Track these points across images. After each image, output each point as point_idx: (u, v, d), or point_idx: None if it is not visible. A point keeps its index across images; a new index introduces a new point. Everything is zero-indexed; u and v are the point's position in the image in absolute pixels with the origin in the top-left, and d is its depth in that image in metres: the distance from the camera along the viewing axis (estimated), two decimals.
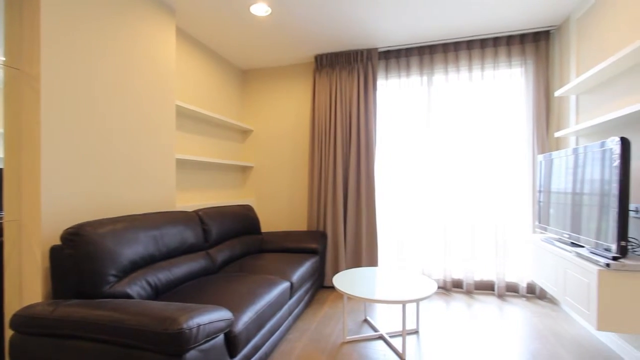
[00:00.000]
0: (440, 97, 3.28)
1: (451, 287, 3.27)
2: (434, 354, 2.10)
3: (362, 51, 3.35)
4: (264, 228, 3.90)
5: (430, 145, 3.29)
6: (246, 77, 3.98)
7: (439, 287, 3.31)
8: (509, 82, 3.13)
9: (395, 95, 3.43)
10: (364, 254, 3.29)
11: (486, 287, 3.23)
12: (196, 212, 2.55)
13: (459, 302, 2.96)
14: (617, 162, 1.60)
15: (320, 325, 2.52)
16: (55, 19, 1.72)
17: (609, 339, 2.19)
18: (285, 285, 2.19)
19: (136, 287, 1.72)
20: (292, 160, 3.81)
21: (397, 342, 2.23)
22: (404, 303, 1.98)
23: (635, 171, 1.96)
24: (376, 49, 3.32)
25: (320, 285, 3.30)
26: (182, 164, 2.92)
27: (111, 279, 1.63)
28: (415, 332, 2.41)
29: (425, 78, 3.30)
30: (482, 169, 3.20)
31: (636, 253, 1.84)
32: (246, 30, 2.98)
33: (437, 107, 3.28)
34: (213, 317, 1.34)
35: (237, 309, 1.67)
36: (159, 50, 2.43)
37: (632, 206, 1.97)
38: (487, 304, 2.92)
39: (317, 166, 3.45)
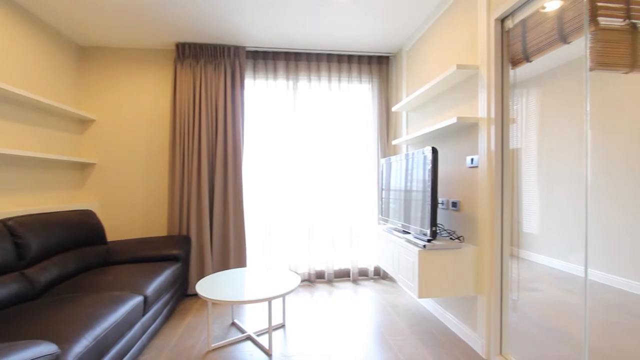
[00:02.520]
0: (304, 102, 3.51)
1: (315, 279, 3.54)
2: (299, 343, 2.24)
3: (229, 47, 3.25)
4: (113, 236, 3.32)
5: (296, 148, 3.49)
6: (86, 54, 3.28)
7: (304, 280, 3.54)
8: (360, 94, 3.63)
9: (262, 96, 3.48)
10: (232, 255, 3.21)
11: (344, 275, 3.65)
12: (4, 221, 1.95)
13: (321, 292, 3.24)
14: (430, 166, 2.07)
15: (182, 337, 2.31)
16: None
17: (428, 304, 2.80)
18: (136, 300, 1.91)
19: None
20: (148, 158, 3.36)
21: (264, 340, 2.27)
22: (269, 300, 2.03)
23: (442, 173, 2.57)
24: (244, 47, 3.29)
25: (183, 294, 3.04)
26: None
27: None
28: (282, 326, 2.50)
29: (291, 82, 3.47)
30: (340, 170, 3.60)
31: (442, 235, 2.43)
32: None
33: (302, 111, 3.51)
34: (25, 355, 1.05)
35: (67, 339, 1.36)
36: None
37: (440, 200, 2.59)
38: (344, 290, 3.30)
39: (179, 165, 3.16)
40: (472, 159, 2.17)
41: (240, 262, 3.25)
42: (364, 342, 2.25)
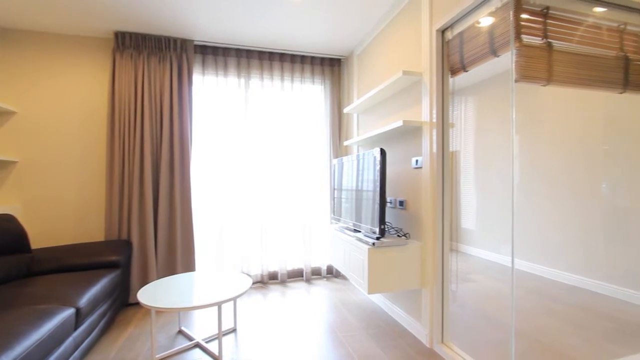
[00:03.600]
0: (256, 101, 3.45)
1: (268, 280, 3.50)
2: (250, 347, 2.19)
3: (175, 39, 3.08)
4: (39, 243, 2.96)
5: (248, 147, 3.41)
6: (5, 38, 2.89)
7: (257, 282, 3.48)
8: (312, 95, 3.65)
9: (212, 94, 3.34)
10: (179, 260, 3.04)
11: (297, 275, 3.65)
12: None
13: (274, 293, 3.21)
14: (378, 167, 2.15)
15: (122, 350, 2.14)
16: None
17: (378, 299, 2.92)
18: (67, 313, 1.73)
19: None
20: (81, 155, 3.05)
21: (214, 346, 2.19)
22: (219, 304, 1.96)
23: (391, 173, 2.69)
24: (192, 41, 3.13)
25: (124, 304, 2.82)
26: None
27: None
28: (233, 330, 2.43)
29: (242, 80, 3.39)
30: (293, 170, 3.60)
31: (390, 233, 2.54)
32: None
33: (254, 110, 3.44)
34: None
35: None
36: None
37: (388, 199, 2.70)
38: (297, 290, 3.30)
39: (118, 163, 2.92)
40: (416, 160, 2.30)
41: (189, 267, 3.10)
42: (317, 340, 2.27)
